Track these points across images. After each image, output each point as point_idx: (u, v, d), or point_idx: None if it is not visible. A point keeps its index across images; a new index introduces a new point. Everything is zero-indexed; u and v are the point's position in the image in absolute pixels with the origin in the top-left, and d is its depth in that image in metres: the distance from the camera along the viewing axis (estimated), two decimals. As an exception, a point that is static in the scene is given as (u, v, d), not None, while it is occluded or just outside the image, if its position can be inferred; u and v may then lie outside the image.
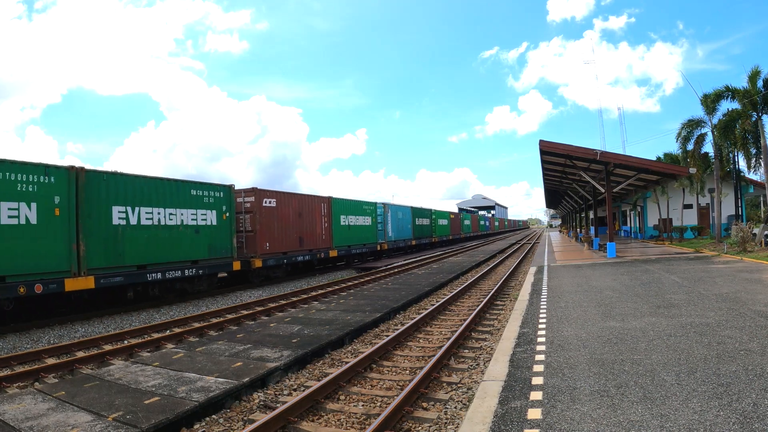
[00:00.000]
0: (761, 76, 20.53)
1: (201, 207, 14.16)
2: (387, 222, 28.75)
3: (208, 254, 14.33)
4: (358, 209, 25.02)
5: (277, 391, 5.94)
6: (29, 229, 9.83)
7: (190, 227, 13.80)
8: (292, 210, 18.72)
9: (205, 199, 14.36)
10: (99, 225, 11.24)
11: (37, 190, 10.02)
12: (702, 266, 13.94)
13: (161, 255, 12.79)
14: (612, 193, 21.32)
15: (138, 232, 12.18)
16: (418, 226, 35.28)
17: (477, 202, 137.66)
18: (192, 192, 13.97)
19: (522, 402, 4.15)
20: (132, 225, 12.03)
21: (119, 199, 11.77)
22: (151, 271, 12.36)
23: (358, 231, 24.65)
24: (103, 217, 11.38)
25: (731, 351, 5.19)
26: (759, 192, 31.68)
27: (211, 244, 14.49)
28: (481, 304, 10.47)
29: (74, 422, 4.66)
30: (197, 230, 14.02)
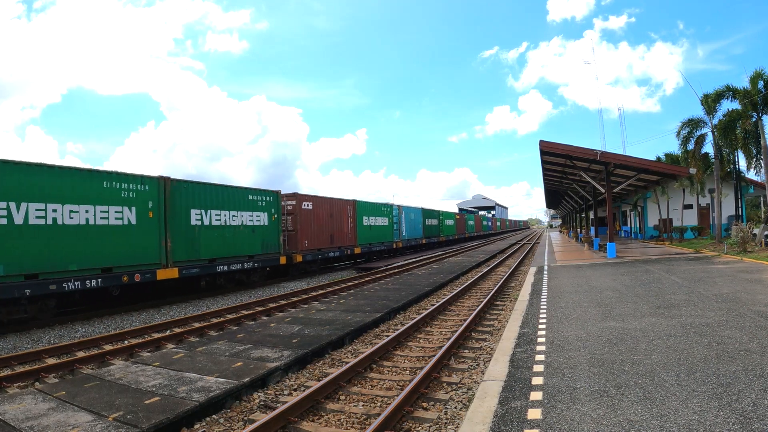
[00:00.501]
0: (762, 78, 20.52)
1: (256, 210, 16.54)
2: (401, 222, 31.41)
3: (261, 250, 16.69)
4: (378, 211, 27.67)
5: (278, 391, 5.95)
6: (130, 228, 12.00)
7: (248, 227, 16.14)
8: (324, 212, 21.18)
9: (258, 203, 16.73)
10: (180, 225, 13.47)
11: (136, 197, 12.18)
12: (702, 266, 13.94)
13: (227, 250, 15.11)
14: (612, 193, 21.32)
15: (209, 231, 14.47)
16: (428, 226, 37.72)
17: (477, 202, 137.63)
18: (249, 197, 16.30)
19: (522, 402, 4.16)
20: (205, 225, 14.36)
21: (195, 203, 14.00)
22: (219, 264, 14.71)
23: (378, 230, 27.30)
24: (184, 218, 13.59)
25: (731, 351, 5.20)
26: (759, 192, 31.67)
27: (264, 242, 16.83)
28: (481, 304, 10.47)
29: (75, 422, 4.67)
30: (253, 230, 16.39)
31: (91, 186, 11.24)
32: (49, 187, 10.41)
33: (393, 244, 29.36)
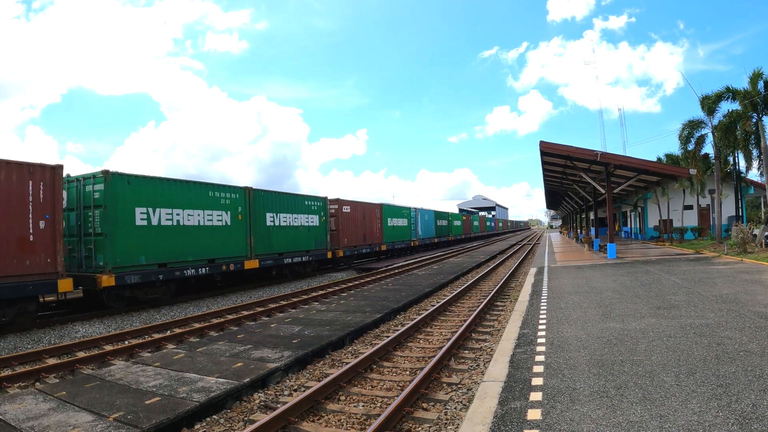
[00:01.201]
0: (762, 78, 20.52)
1: (310, 213, 20.04)
2: (417, 223, 34.95)
3: (314, 246, 20.16)
4: (399, 213, 31.47)
5: (278, 391, 5.96)
6: (227, 228, 15.07)
7: (305, 227, 19.59)
8: (359, 214, 24.98)
9: (312, 207, 20.22)
10: (259, 226, 16.69)
11: (230, 203, 15.31)
12: (702, 267, 13.95)
13: (291, 246, 18.54)
14: (612, 194, 21.33)
15: (279, 231, 17.89)
16: (439, 227, 41.54)
17: (477, 202, 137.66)
18: (305, 202, 19.80)
19: (522, 403, 4.16)
20: (276, 225, 17.73)
21: (269, 208, 17.39)
22: (286, 257, 18.17)
23: (400, 230, 31.18)
24: (261, 220, 16.85)
25: (731, 352, 5.20)
26: (759, 193, 31.66)
27: (316, 239, 20.32)
28: (481, 305, 10.48)
29: (75, 422, 4.68)
30: (309, 230, 19.84)
31: (201, 194, 14.32)
32: (174, 196, 13.32)
33: (411, 242, 33.10)
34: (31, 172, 10.00)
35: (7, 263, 9.44)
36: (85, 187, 12.01)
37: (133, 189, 12.24)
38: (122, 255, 11.81)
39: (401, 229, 31.34)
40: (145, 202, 12.44)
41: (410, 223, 33.32)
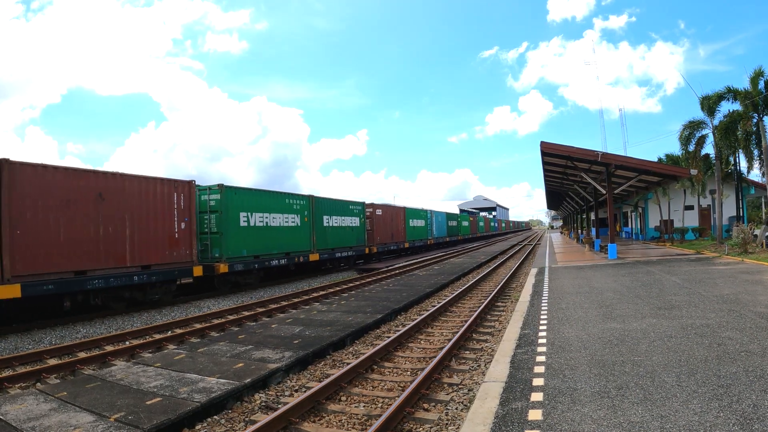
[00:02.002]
0: (763, 77, 20.51)
1: (353, 215, 24.15)
2: (432, 224, 38.97)
3: (356, 243, 24.18)
4: (418, 215, 35.55)
5: (279, 391, 5.96)
6: (296, 228, 18.79)
7: (350, 227, 23.62)
8: (388, 216, 29.06)
9: (354, 211, 24.31)
10: (319, 226, 20.49)
11: (299, 208, 19.02)
12: (703, 268, 13.94)
13: (340, 243, 22.40)
14: (613, 194, 21.32)
15: (332, 230, 21.72)
16: (450, 227, 45.47)
17: (478, 203, 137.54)
18: (350, 207, 23.92)
19: (523, 403, 4.16)
20: (330, 226, 21.58)
21: (325, 212, 21.23)
22: (336, 252, 21.95)
23: (419, 230, 35.22)
24: (320, 222, 20.65)
25: (732, 352, 5.20)
26: (760, 193, 31.63)
27: (357, 238, 24.41)
28: (482, 305, 10.48)
29: (76, 423, 4.68)
30: (352, 230, 23.87)
31: (281, 201, 17.99)
32: (264, 202, 16.96)
33: (427, 240, 37.14)
34: (176, 187, 13.38)
35: (161, 254, 12.82)
36: (201, 196, 15.11)
37: (238, 198, 15.70)
38: (232, 249, 15.28)
39: (420, 228, 35.48)
40: (245, 208, 16.01)
41: (427, 223, 37.43)
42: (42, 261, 10.11)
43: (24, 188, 9.88)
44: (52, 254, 10.29)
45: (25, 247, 9.83)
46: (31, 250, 9.95)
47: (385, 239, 27.99)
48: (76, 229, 10.77)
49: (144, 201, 12.39)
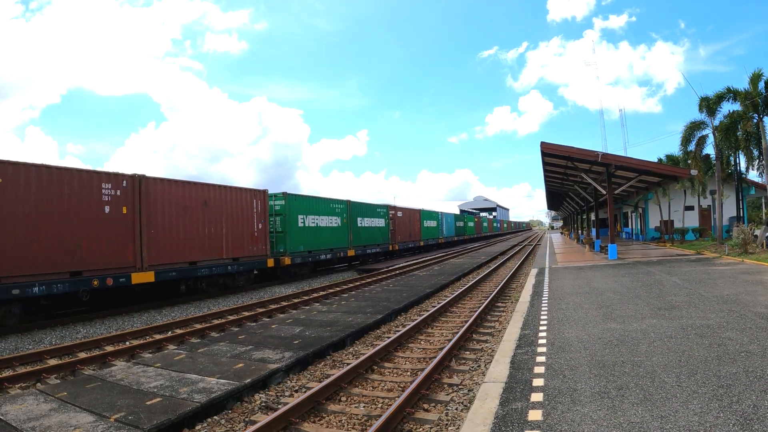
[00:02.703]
0: (763, 78, 20.51)
1: (380, 217, 28.04)
2: (443, 224, 42.64)
3: (382, 241, 27.84)
4: (431, 216, 39.41)
5: (279, 392, 5.96)
6: (338, 229, 22.20)
7: (378, 227, 27.45)
8: (406, 217, 32.86)
9: (381, 213, 28.16)
10: (354, 226, 24.11)
11: (339, 211, 22.51)
12: (703, 268, 13.93)
13: (370, 241, 26.15)
14: (613, 194, 21.32)
15: (364, 230, 25.49)
16: (458, 227, 49.32)
17: (478, 203, 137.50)
18: (377, 209, 27.71)
19: (523, 403, 4.16)
20: (363, 226, 25.36)
21: (359, 214, 24.89)
22: (367, 248, 25.52)
23: (431, 230, 38.99)
24: (355, 223, 24.21)
25: (732, 353, 5.20)
26: (760, 193, 31.61)
27: (383, 236, 28.10)
28: (482, 305, 10.47)
29: (76, 423, 4.69)
30: (380, 229, 27.65)
31: (326, 205, 21.47)
32: (314, 207, 20.33)
33: (438, 239, 40.74)
34: (255, 195, 16.72)
35: (245, 249, 16.02)
36: (269, 201, 17.77)
37: (296, 203, 19.07)
38: (292, 245, 18.55)
39: (433, 229, 39.31)
40: (301, 212, 19.35)
41: (438, 224, 41.15)
42: (168, 254, 13.02)
43: (155, 198, 12.66)
44: (174, 248, 13.26)
45: (157, 243, 12.67)
46: (161, 245, 12.82)
47: (404, 238, 31.88)
48: (189, 229, 13.80)
49: (234, 206, 15.64)
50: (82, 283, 10.84)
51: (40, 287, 9.99)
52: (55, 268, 10.40)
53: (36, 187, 10.21)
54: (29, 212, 10.06)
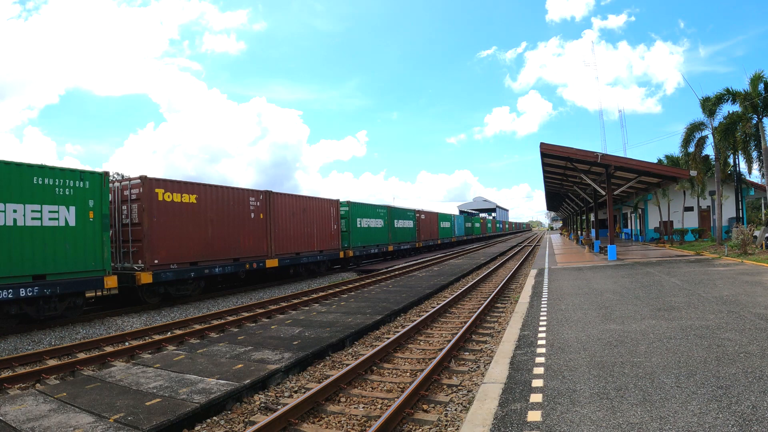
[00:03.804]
0: (763, 80, 20.53)
1: (409, 219, 33.25)
2: (455, 225, 48.40)
3: (410, 239, 33.09)
4: (446, 218, 45.35)
5: (278, 392, 5.96)
6: (381, 229, 27.52)
7: (408, 228, 32.77)
8: (428, 219, 38.29)
9: (410, 215, 33.59)
10: (392, 227, 29.22)
11: (382, 215, 27.79)
12: (702, 269, 13.94)
13: (402, 239, 31.44)
14: (613, 195, 21.33)
15: (399, 230, 30.58)
16: (467, 228, 55.48)
17: (478, 204, 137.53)
18: (408, 212, 33.17)
19: (522, 404, 4.17)
20: (398, 227, 30.33)
21: (396, 216, 30.13)
22: (401, 244, 30.93)
23: (446, 230, 44.50)
24: (392, 224, 29.46)
25: (731, 354, 5.20)
26: (760, 194, 31.65)
27: (411, 235, 33.46)
28: (481, 306, 10.48)
29: (76, 423, 4.69)
30: (409, 230, 32.90)
31: (374, 210, 27.06)
32: (367, 211, 25.94)
33: (452, 239, 45.96)
34: (332, 203, 21.93)
35: (327, 244, 21.06)
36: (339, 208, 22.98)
37: (355, 209, 24.64)
38: (354, 241, 24.00)
39: (448, 229, 44.96)
40: (359, 215, 24.94)
41: (452, 225, 46.77)
42: (284, 247, 18.05)
43: (277, 207, 17.73)
44: (287, 243, 18.29)
45: (278, 238, 17.71)
46: (280, 240, 17.79)
47: (426, 237, 37.34)
48: (295, 229, 18.90)
49: (320, 212, 20.74)
50: (241, 266, 15.68)
51: (219, 268, 14.74)
52: (226, 256, 15.15)
53: (214, 201, 14.72)
54: (213, 218, 14.65)
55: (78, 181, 10.74)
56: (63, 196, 10.38)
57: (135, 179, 12.88)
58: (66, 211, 10.43)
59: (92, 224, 11.00)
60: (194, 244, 13.91)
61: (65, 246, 10.42)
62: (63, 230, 10.38)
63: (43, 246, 10.00)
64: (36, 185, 9.91)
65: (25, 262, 9.69)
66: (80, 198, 10.76)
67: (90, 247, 10.94)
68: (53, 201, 10.19)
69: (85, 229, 10.84)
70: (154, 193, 12.76)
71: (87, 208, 10.90)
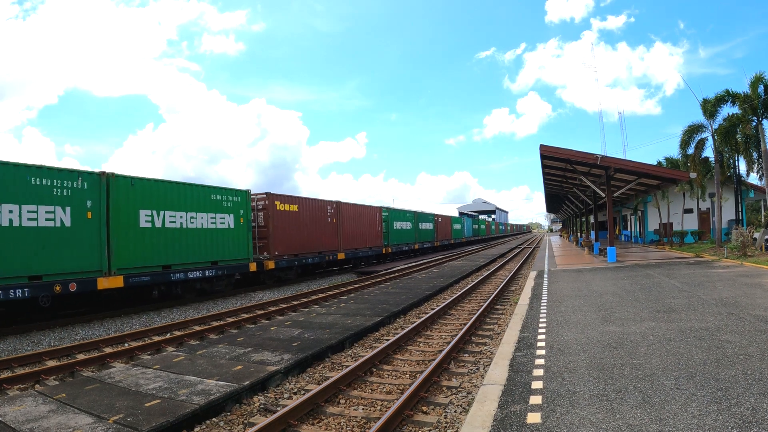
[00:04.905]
0: (763, 82, 20.55)
1: (430, 221, 38.59)
2: (465, 227, 54.14)
3: (431, 239, 38.35)
4: (458, 221, 51.06)
5: (278, 394, 5.96)
6: (410, 230, 33.51)
7: (429, 229, 38.02)
8: (444, 222, 43.93)
9: (430, 218, 39.07)
10: (417, 229, 35.01)
11: (411, 218, 34.18)
12: (702, 271, 13.94)
13: (425, 238, 37.03)
14: (612, 197, 21.34)
15: (422, 231, 36.40)
16: (474, 229, 61.83)
17: (477, 206, 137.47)
18: (429, 216, 38.75)
19: (521, 406, 4.16)
20: (422, 228, 36.36)
21: (420, 219, 36.27)
22: (424, 243, 36.51)
23: (458, 231, 49.82)
24: (417, 226, 35.19)
25: (730, 355, 5.20)
26: (759, 196, 31.67)
27: (432, 236, 38.67)
28: (481, 308, 10.48)
29: (75, 424, 4.68)
30: (431, 231, 38.44)
31: (405, 214, 33.23)
32: (401, 215, 32.26)
33: (462, 239, 51.63)
34: (377, 210, 27.59)
35: (374, 242, 26.55)
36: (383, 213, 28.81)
37: (393, 213, 30.33)
38: (391, 240, 29.43)
39: (459, 230, 50.52)
40: (396, 219, 30.61)
41: (462, 227, 52.39)
42: (348, 244, 23.29)
43: (343, 213, 23.02)
44: (350, 241, 23.57)
45: (344, 237, 22.95)
46: (346, 238, 23.19)
47: (442, 237, 42.61)
48: (354, 230, 24.26)
49: (370, 217, 26.50)
50: (323, 258, 20.96)
51: (310, 259, 20.09)
52: (313, 250, 20.28)
53: (307, 209, 20.02)
54: (307, 222, 19.89)
55: (234, 197, 15.63)
56: (228, 208, 15.32)
57: (261, 195, 17.73)
58: (230, 219, 15.39)
59: (243, 227, 15.95)
60: (296, 241, 19.05)
61: (229, 242, 15.31)
62: (228, 232, 15.30)
63: (219, 242, 14.90)
64: (214, 201, 14.86)
65: (208, 253, 14.48)
66: (236, 209, 15.66)
67: (242, 243, 15.96)
68: (223, 210, 15.11)
69: (239, 230, 15.78)
70: (274, 204, 17.81)
71: (239, 216, 15.83)
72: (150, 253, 12.53)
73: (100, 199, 11.42)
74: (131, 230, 12.09)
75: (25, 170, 10.02)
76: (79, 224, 10.90)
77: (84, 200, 11.05)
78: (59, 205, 10.55)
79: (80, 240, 10.92)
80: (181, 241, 13.46)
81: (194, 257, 13.91)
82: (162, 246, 12.87)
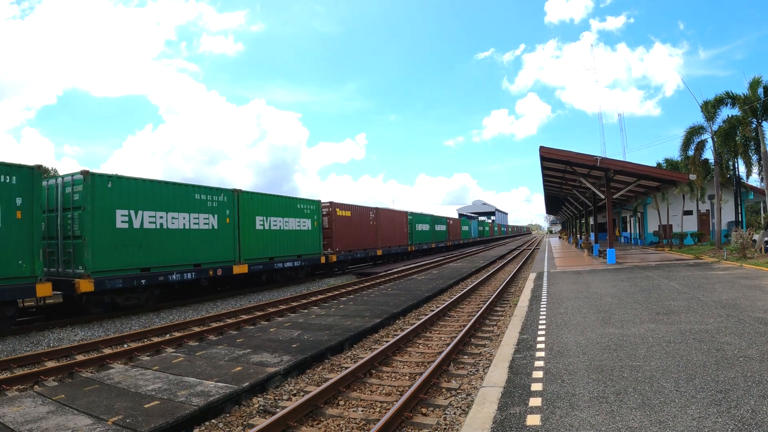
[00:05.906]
0: (762, 84, 20.59)
1: (443, 223, 44.40)
2: (471, 229, 59.66)
3: (444, 239, 44.07)
4: (466, 223, 57.40)
5: (277, 395, 5.95)
6: (427, 231, 38.94)
7: (443, 230, 43.91)
8: (455, 224, 49.82)
9: (444, 221, 44.93)
10: (433, 230, 40.76)
11: (428, 220, 39.74)
12: (702, 273, 13.94)
13: (439, 239, 42.26)
14: (612, 199, 21.36)
15: (437, 232, 42.01)
16: (479, 230, 67.15)
17: (477, 207, 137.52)
18: (443, 219, 44.78)
19: (521, 408, 4.16)
20: (437, 230, 42.08)
21: (436, 222, 42.18)
22: (439, 243, 41.96)
23: (466, 232, 55.59)
24: (433, 227, 40.83)
25: (730, 358, 5.20)
26: (759, 198, 31.68)
27: (445, 237, 44.24)
28: (480, 310, 10.47)
29: (74, 425, 4.67)
30: (443, 232, 44.15)
31: (424, 217, 38.70)
32: (422, 218, 38.27)
33: (469, 240, 57.37)
34: (405, 214, 33.79)
35: (401, 241, 31.90)
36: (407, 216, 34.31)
37: (416, 217, 35.83)
38: (414, 240, 34.56)
39: (467, 232, 56.73)
40: (419, 221, 36.40)
41: (469, 228, 58.28)
42: (383, 242, 28.23)
43: (380, 217, 28.12)
44: (384, 239, 28.44)
45: (382, 237, 28.14)
46: (384, 238, 28.46)
47: (453, 238, 47.54)
48: (389, 231, 29.25)
49: (399, 220, 31.59)
50: (367, 253, 25.85)
51: (359, 254, 24.89)
52: (361, 247, 25.15)
53: (356, 215, 25.09)
54: (357, 225, 24.98)
55: (311, 206, 20.13)
56: (307, 214, 19.86)
57: (326, 203, 22.30)
58: (308, 223, 19.87)
59: (316, 229, 20.49)
60: (350, 240, 23.94)
61: (308, 240, 19.80)
62: (308, 233, 19.83)
63: (302, 241, 19.35)
64: (299, 209, 19.53)
65: (295, 248, 18.91)
66: (311, 215, 20.15)
67: (316, 241, 20.49)
68: (304, 216, 19.70)
69: (314, 231, 20.34)
70: (335, 211, 22.83)
71: (314, 220, 20.32)
72: (261, 248, 16.91)
73: (233, 208, 15.57)
74: (251, 231, 16.40)
75: (192, 189, 14.22)
76: (222, 227, 15.06)
77: (225, 210, 15.18)
78: (211, 213, 14.68)
79: (224, 238, 15.10)
80: (279, 239, 17.95)
81: (287, 252, 18.37)
82: (268, 243, 17.31)
